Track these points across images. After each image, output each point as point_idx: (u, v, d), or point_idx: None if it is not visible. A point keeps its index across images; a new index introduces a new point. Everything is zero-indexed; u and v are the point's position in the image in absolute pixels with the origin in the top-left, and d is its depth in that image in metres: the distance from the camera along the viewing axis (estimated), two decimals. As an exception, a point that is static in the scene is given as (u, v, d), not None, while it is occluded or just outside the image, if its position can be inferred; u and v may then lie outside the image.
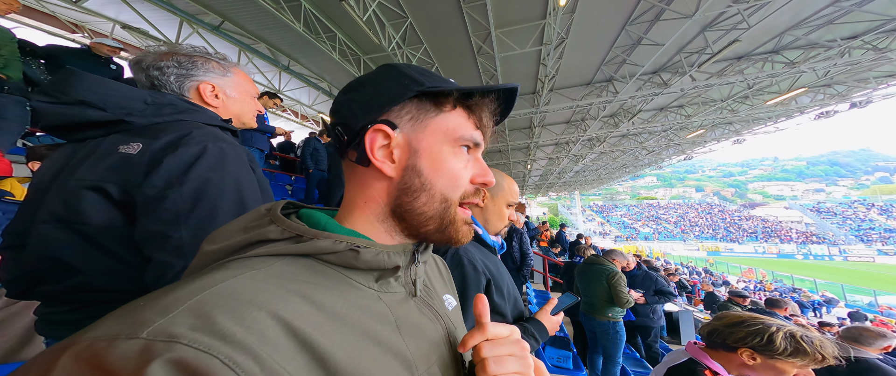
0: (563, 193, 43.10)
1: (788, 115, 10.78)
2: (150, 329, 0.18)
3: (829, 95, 8.91)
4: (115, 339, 0.17)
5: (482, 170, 0.37)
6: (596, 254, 2.94)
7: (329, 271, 0.30)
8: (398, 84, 0.34)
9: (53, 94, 0.56)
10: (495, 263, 0.90)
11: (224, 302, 0.21)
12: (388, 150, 0.34)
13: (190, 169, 0.54)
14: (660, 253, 37.11)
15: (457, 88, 0.34)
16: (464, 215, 0.36)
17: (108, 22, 5.61)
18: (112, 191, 0.53)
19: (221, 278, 0.24)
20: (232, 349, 0.19)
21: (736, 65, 7.05)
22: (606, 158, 17.32)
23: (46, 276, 0.55)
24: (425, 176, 0.33)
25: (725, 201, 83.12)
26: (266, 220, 0.30)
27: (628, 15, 5.39)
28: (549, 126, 11.79)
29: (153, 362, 0.16)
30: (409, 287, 0.36)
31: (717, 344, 0.94)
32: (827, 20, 5.78)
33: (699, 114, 9.85)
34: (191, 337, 0.18)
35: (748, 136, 13.43)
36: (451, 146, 0.35)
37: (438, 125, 0.34)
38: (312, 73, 7.63)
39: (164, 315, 0.19)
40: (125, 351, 0.17)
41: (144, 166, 0.53)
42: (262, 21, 5.61)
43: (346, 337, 0.26)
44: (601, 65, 7.03)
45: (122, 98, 0.59)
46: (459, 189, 0.35)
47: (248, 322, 0.21)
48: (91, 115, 0.57)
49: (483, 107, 0.36)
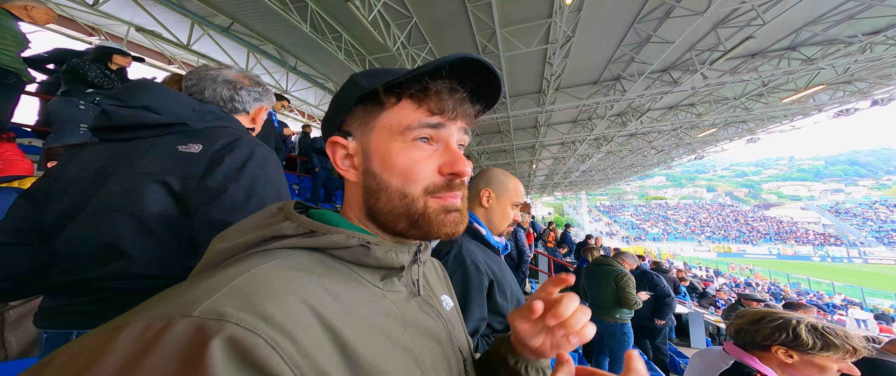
0: (569, 193, 42.63)
1: (805, 113, 10.42)
2: (201, 308, 0.19)
3: (849, 93, 8.58)
4: (172, 318, 0.19)
5: (450, 158, 0.34)
6: (604, 255, 2.91)
7: (339, 267, 0.31)
8: (347, 93, 0.35)
9: (123, 98, 0.66)
10: (499, 264, 0.90)
11: (260, 286, 0.23)
12: (350, 158, 0.35)
13: (244, 167, 0.63)
14: (669, 254, 36.40)
15: (384, 83, 0.32)
16: (439, 205, 0.33)
17: (123, 25, 5.77)
18: (173, 183, 0.60)
19: (252, 265, 0.25)
20: (273, 330, 0.20)
21: (750, 62, 6.84)
22: (614, 158, 17.05)
23: (81, 264, 0.58)
24: (379, 176, 0.33)
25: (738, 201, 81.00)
26: (280, 217, 0.31)
27: (637, 13, 5.28)
28: (555, 125, 11.66)
29: (212, 340, 0.18)
30: (411, 286, 0.37)
31: (748, 344, 0.92)
32: (847, 15, 5.55)
33: (711, 112, 9.61)
34: (238, 316, 0.19)
35: (763, 135, 13.03)
36: (400, 140, 0.33)
37: (383, 123, 0.34)
38: (319, 73, 7.72)
39: (211, 295, 0.21)
40: (183, 328, 0.18)
41: (205, 163, 0.62)
42: (269, 22, 5.70)
43: (362, 329, 0.27)
44: (608, 63, 6.92)
45: (176, 105, 0.69)
46: (419, 182, 0.33)
47: (284, 305, 0.22)
48: (153, 119, 0.67)
49: (433, 92, 0.33)
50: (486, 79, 0.36)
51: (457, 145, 0.35)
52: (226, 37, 5.85)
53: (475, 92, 0.37)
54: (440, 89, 0.33)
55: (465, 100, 0.35)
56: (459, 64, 0.33)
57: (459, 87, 0.35)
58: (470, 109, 0.36)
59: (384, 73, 0.34)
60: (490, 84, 0.37)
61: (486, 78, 0.36)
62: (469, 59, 0.33)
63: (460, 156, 0.34)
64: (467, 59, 0.33)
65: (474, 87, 0.36)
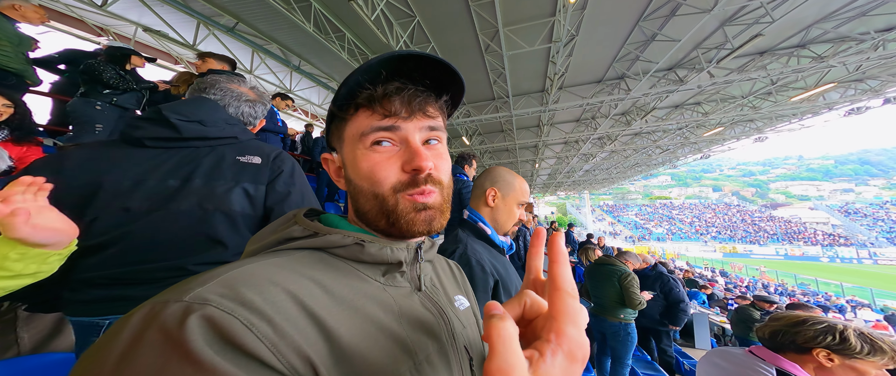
0: (572, 193, 42.37)
1: (815, 112, 10.23)
2: (191, 294, 0.23)
3: (861, 91, 8.40)
4: (167, 303, 0.22)
5: (408, 155, 0.34)
6: (607, 255, 2.89)
7: (340, 264, 0.33)
8: (328, 115, 0.39)
9: (184, 113, 0.78)
10: (504, 264, 0.90)
11: (247, 278, 0.26)
12: (339, 171, 0.40)
13: (293, 175, 0.83)
14: (673, 254, 36.06)
15: (333, 102, 0.36)
16: (409, 203, 0.34)
17: (130, 25, 5.84)
18: (249, 188, 0.77)
19: (249, 262, 0.29)
20: (250, 313, 0.23)
21: (758, 60, 6.73)
22: (617, 157, 16.90)
23: (174, 253, 0.68)
24: (353, 181, 0.37)
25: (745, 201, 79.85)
26: (291, 222, 0.35)
27: (642, 11, 5.22)
28: (558, 124, 11.59)
29: (191, 316, 0.21)
30: (415, 282, 0.38)
31: (784, 346, 0.91)
32: (859, 12, 5.44)
33: (717, 111, 9.47)
34: (218, 301, 0.23)
35: (771, 134, 12.82)
36: (360, 148, 0.35)
37: (347, 134, 0.37)
38: (322, 72, 7.75)
39: (202, 285, 0.24)
40: (173, 311, 0.22)
41: (268, 173, 0.80)
42: (274, 22, 5.73)
43: (350, 319, 0.29)
44: (613, 62, 6.85)
45: (217, 119, 0.83)
46: (383, 182, 0.34)
47: (266, 294, 0.25)
48: (214, 133, 0.81)
49: (383, 95, 0.34)
50: (437, 69, 0.36)
51: (420, 142, 0.35)
52: (231, 36, 5.90)
53: (435, 86, 0.37)
54: (387, 91, 0.34)
55: (417, 97, 0.35)
56: (399, 62, 0.34)
57: (410, 85, 0.35)
58: (429, 104, 0.36)
59: (343, 86, 0.35)
60: (446, 74, 0.36)
61: (436, 68, 0.36)
62: (407, 56, 0.33)
63: (418, 152, 0.34)
64: (411, 56, 0.34)
65: (430, 81, 0.37)
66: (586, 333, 0.27)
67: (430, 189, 0.35)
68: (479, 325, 0.47)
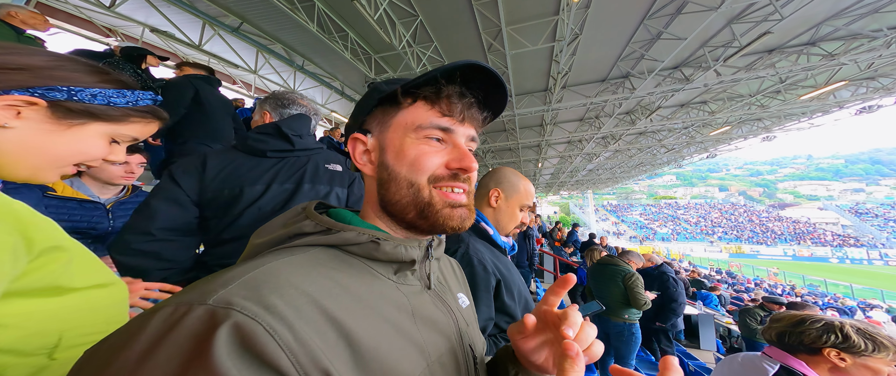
0: (576, 192, 42.10)
1: (825, 111, 10.03)
2: (215, 297, 0.23)
3: (873, 89, 8.21)
4: (191, 305, 0.22)
5: (458, 155, 0.37)
6: (610, 255, 2.87)
7: (354, 261, 0.33)
8: (369, 97, 0.39)
9: (293, 129, 0.96)
10: (506, 264, 0.90)
11: (268, 279, 0.25)
12: (368, 154, 0.39)
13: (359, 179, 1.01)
14: (677, 254, 35.69)
15: (402, 84, 0.36)
16: (443, 198, 0.36)
17: (138, 26, 5.92)
18: (339, 192, 0.96)
19: (267, 261, 0.28)
20: (273, 318, 0.23)
21: (767, 58, 6.61)
22: (622, 156, 16.74)
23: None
24: (391, 167, 0.36)
25: (752, 201, 78.71)
26: (302, 216, 0.35)
27: (647, 9, 5.15)
28: (562, 124, 11.51)
29: (220, 327, 0.21)
30: (425, 280, 0.39)
31: (795, 348, 0.90)
32: (871, 8, 5.31)
33: (724, 110, 9.33)
34: (242, 304, 0.22)
35: (779, 133, 12.60)
36: (413, 136, 0.36)
37: (399, 121, 0.37)
38: (325, 72, 7.79)
39: (225, 287, 0.24)
40: (198, 315, 0.21)
41: (348, 178, 1.00)
42: (277, 22, 5.76)
43: (368, 319, 0.28)
44: (617, 61, 6.78)
45: (309, 132, 1.02)
46: (424, 172, 0.35)
47: (288, 297, 0.24)
48: (312, 144, 1.00)
49: (445, 95, 0.36)
50: (494, 88, 0.39)
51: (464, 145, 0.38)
52: (235, 37, 5.95)
53: (483, 100, 0.40)
54: (451, 93, 0.36)
55: (473, 106, 0.38)
56: (470, 71, 0.36)
57: (468, 93, 0.38)
58: (477, 115, 0.39)
59: (400, 80, 0.38)
60: (497, 93, 0.40)
61: (494, 87, 0.39)
62: (478, 66, 0.36)
63: (468, 153, 0.37)
64: (477, 67, 0.36)
65: (482, 95, 0.39)
66: None
67: (466, 187, 0.38)
68: (478, 324, 0.48)
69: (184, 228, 0.83)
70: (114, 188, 1.32)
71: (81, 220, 1.21)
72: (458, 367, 0.35)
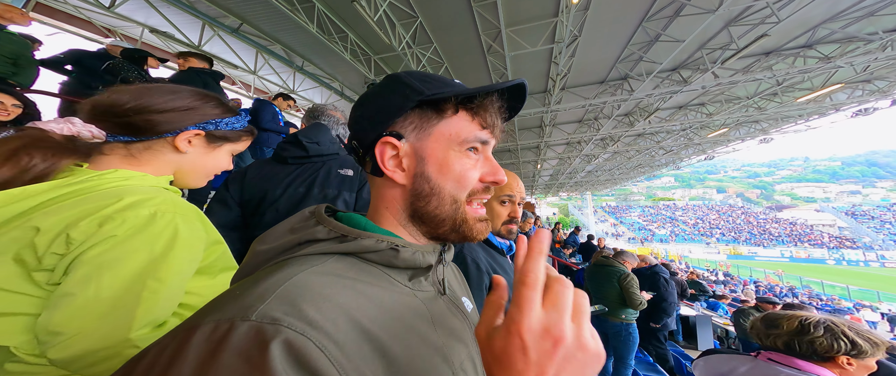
0: (574, 193, 42.17)
1: (822, 113, 10.10)
2: (256, 312, 0.21)
3: (869, 91, 8.28)
4: (234, 321, 0.21)
5: (492, 169, 0.37)
6: (606, 256, 2.88)
7: (372, 269, 0.32)
8: (400, 95, 0.35)
9: (310, 137, 1.05)
10: (502, 265, 0.89)
11: (303, 293, 0.24)
12: (397, 160, 0.35)
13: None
14: (675, 255, 35.78)
15: (456, 93, 0.34)
16: (475, 213, 0.36)
17: (137, 26, 5.91)
18: (347, 197, 1.02)
19: (293, 272, 0.26)
20: (320, 334, 0.22)
21: (764, 60, 6.66)
22: (620, 158, 16.80)
23: None
24: (434, 181, 0.35)
25: (750, 203, 79.09)
26: (312, 222, 0.33)
27: (645, 11, 5.19)
28: (561, 125, 11.54)
29: (272, 343, 0.20)
30: (438, 286, 0.38)
31: (808, 356, 0.90)
32: (867, 11, 5.36)
33: (722, 112, 9.38)
34: (288, 321, 0.21)
35: (776, 135, 12.68)
36: (457, 149, 0.35)
37: (442, 131, 0.35)
38: (325, 73, 7.78)
39: (263, 301, 0.23)
40: (245, 332, 0.20)
41: (358, 183, 1.04)
42: (277, 23, 5.77)
43: (397, 330, 0.28)
44: (616, 62, 6.81)
45: (326, 139, 1.08)
46: (466, 188, 0.36)
47: (324, 311, 0.23)
48: (327, 151, 1.07)
49: (487, 107, 0.36)
50: (515, 100, 0.40)
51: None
52: (235, 38, 5.95)
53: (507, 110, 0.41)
54: (492, 107, 0.36)
55: (504, 119, 0.39)
56: (506, 87, 0.37)
57: (503, 106, 0.38)
58: (503, 126, 0.40)
59: (435, 80, 0.36)
60: (515, 105, 0.41)
61: (515, 99, 0.40)
62: (519, 84, 0.38)
63: (499, 167, 0.38)
64: (518, 84, 0.37)
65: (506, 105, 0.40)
66: None
67: (487, 197, 0.38)
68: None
69: (230, 224, 0.99)
70: None
71: None
72: (477, 372, 0.34)
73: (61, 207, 0.45)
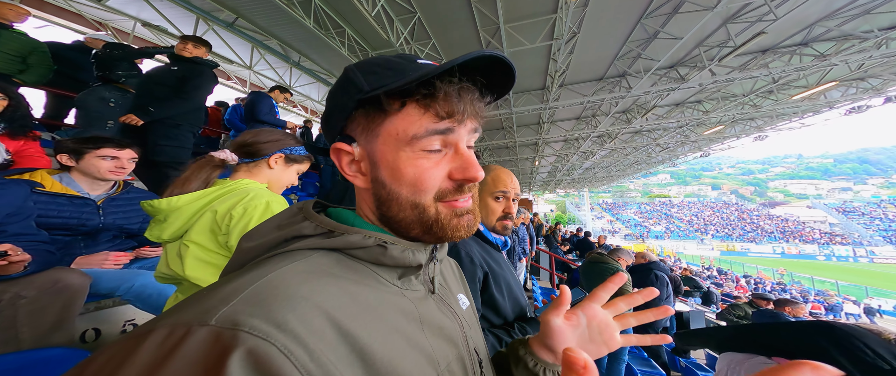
0: (572, 190, 42.41)
1: (816, 111, 10.21)
2: (217, 316, 0.20)
3: (862, 89, 8.38)
4: (190, 325, 0.19)
5: (461, 164, 0.32)
6: (600, 253, 2.90)
7: (358, 266, 0.31)
8: (345, 93, 0.32)
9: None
10: (497, 260, 0.88)
11: (275, 292, 0.23)
12: (356, 164, 0.34)
13: None
14: (671, 252, 36.24)
15: (398, 85, 0.28)
16: (450, 210, 0.32)
17: (129, 20, 5.79)
18: None
19: (269, 270, 0.25)
20: (286, 337, 0.20)
21: (760, 58, 6.70)
22: (617, 155, 16.89)
23: None
24: (389, 186, 0.32)
25: (744, 200, 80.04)
26: (299, 217, 0.32)
27: (644, 8, 5.18)
28: (559, 122, 11.56)
29: (230, 350, 0.18)
30: (428, 285, 0.37)
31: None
32: (863, 10, 5.40)
33: (718, 109, 9.45)
34: (251, 324, 0.20)
35: (771, 133, 12.82)
36: (408, 150, 0.31)
37: (387, 130, 0.31)
38: (322, 68, 7.70)
39: (227, 303, 0.21)
40: (201, 339, 0.19)
41: None
42: (273, 17, 5.68)
43: (379, 331, 0.26)
44: (614, 60, 6.81)
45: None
46: (428, 192, 0.31)
47: (298, 312, 0.22)
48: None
49: (443, 94, 0.30)
50: (497, 69, 0.33)
51: (466, 147, 0.33)
52: (230, 32, 5.85)
53: (485, 85, 0.34)
54: (448, 91, 0.30)
55: (474, 99, 0.32)
56: (470, 61, 0.29)
57: (467, 83, 0.31)
58: (480, 106, 0.33)
59: (383, 69, 0.31)
60: (501, 74, 0.33)
61: (497, 68, 0.33)
62: (480, 57, 0.29)
63: (472, 161, 0.32)
64: (478, 57, 0.29)
65: (484, 80, 0.33)
66: None
67: (472, 192, 0.34)
68: (479, 324, 0.46)
69: None
70: (104, 184, 1.30)
71: (71, 217, 1.19)
72: (466, 373, 0.34)
73: (223, 199, 0.83)
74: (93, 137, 1.24)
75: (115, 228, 1.31)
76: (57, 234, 1.17)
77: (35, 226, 1.05)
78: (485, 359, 0.40)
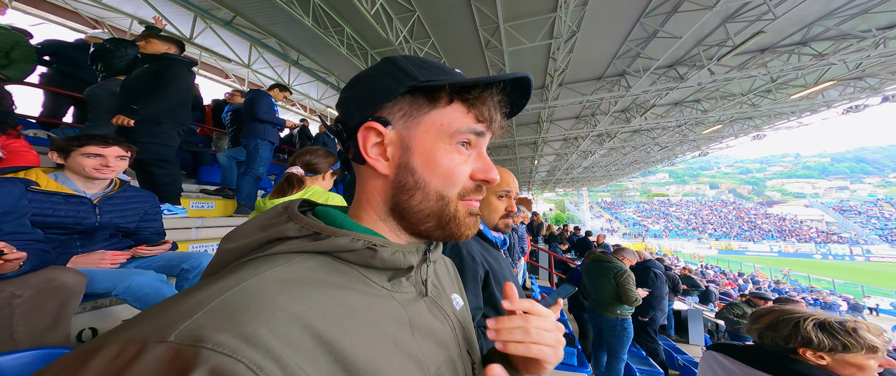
0: (571, 189, 42.49)
1: (813, 110, 10.25)
2: (177, 332, 0.18)
3: (860, 89, 8.42)
4: (146, 342, 0.18)
5: (484, 166, 0.35)
6: (603, 252, 2.90)
7: (346, 269, 0.30)
8: (392, 79, 0.33)
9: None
10: (496, 258, 0.89)
11: (246, 303, 0.21)
12: (381, 148, 0.33)
13: None
14: (669, 250, 36.39)
15: (452, 82, 0.31)
16: (466, 208, 0.34)
17: (126, 18, 5.74)
18: None
19: (243, 278, 0.24)
20: (256, 352, 0.19)
21: (759, 57, 6.72)
22: (616, 154, 16.92)
23: None
24: (419, 173, 0.32)
25: (741, 199, 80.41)
26: (284, 218, 0.30)
27: (643, 7, 5.18)
28: (558, 121, 11.57)
29: (190, 369, 0.16)
30: (420, 287, 0.36)
31: (775, 349, 0.88)
32: (862, 9, 5.41)
33: (717, 108, 9.47)
34: (215, 340, 0.18)
35: (769, 132, 12.86)
36: (447, 142, 0.33)
37: (432, 121, 0.32)
38: (321, 67, 7.67)
39: (189, 317, 0.19)
40: (157, 357, 0.17)
41: None
42: (272, 16, 5.65)
43: (365, 337, 0.25)
44: (613, 59, 6.81)
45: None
46: (456, 186, 0.33)
47: (272, 323, 0.20)
48: None
49: (485, 100, 0.33)
50: (517, 90, 0.36)
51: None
52: (228, 30, 5.82)
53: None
54: (491, 100, 0.34)
55: (503, 112, 0.36)
56: (506, 79, 0.34)
57: (504, 98, 0.35)
58: (503, 122, 0.37)
59: (432, 67, 0.34)
60: (518, 95, 0.37)
61: (519, 89, 0.36)
62: (522, 78, 0.34)
63: (492, 165, 0.36)
64: (521, 78, 0.34)
65: (508, 100, 0.37)
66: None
67: (482, 196, 0.36)
68: (472, 324, 0.46)
69: None
70: (100, 183, 1.29)
71: (66, 215, 1.18)
72: (458, 374, 0.33)
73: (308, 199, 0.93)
74: (80, 135, 1.23)
75: (111, 227, 1.30)
76: (52, 233, 1.16)
77: (30, 224, 1.04)
78: (478, 362, 0.39)
